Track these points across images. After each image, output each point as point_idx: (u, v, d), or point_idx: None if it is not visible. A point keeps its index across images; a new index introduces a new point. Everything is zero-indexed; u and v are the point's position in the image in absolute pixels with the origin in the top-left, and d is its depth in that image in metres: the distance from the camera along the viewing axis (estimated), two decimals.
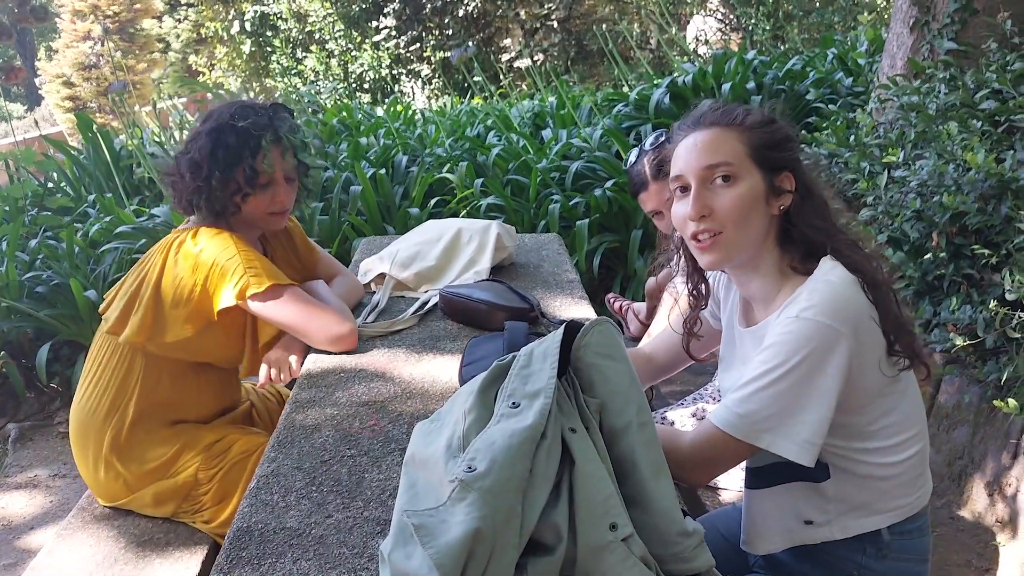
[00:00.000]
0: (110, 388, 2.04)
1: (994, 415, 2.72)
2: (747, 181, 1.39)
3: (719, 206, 1.39)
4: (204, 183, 1.97)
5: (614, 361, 1.19)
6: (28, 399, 4.26)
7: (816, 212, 1.42)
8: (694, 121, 1.47)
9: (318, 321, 1.96)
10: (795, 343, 1.28)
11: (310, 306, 1.97)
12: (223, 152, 1.96)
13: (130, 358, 2.04)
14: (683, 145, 1.46)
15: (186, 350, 2.03)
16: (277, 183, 2.04)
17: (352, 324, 1.99)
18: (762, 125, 1.43)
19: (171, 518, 2.05)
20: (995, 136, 3.00)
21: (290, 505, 1.37)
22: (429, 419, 1.26)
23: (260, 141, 1.99)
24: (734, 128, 1.42)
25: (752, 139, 1.41)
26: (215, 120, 2.00)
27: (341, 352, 1.98)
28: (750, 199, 1.39)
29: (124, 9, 23.97)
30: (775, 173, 1.41)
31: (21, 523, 3.27)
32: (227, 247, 1.94)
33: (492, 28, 13.98)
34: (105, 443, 2.02)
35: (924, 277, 3.00)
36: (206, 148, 1.97)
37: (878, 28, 6.29)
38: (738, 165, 1.39)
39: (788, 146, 1.44)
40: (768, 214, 1.42)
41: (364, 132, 5.74)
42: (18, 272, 4.28)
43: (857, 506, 1.43)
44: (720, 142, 1.41)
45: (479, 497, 0.97)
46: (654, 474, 1.12)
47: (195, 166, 1.98)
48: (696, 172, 1.41)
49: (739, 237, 1.40)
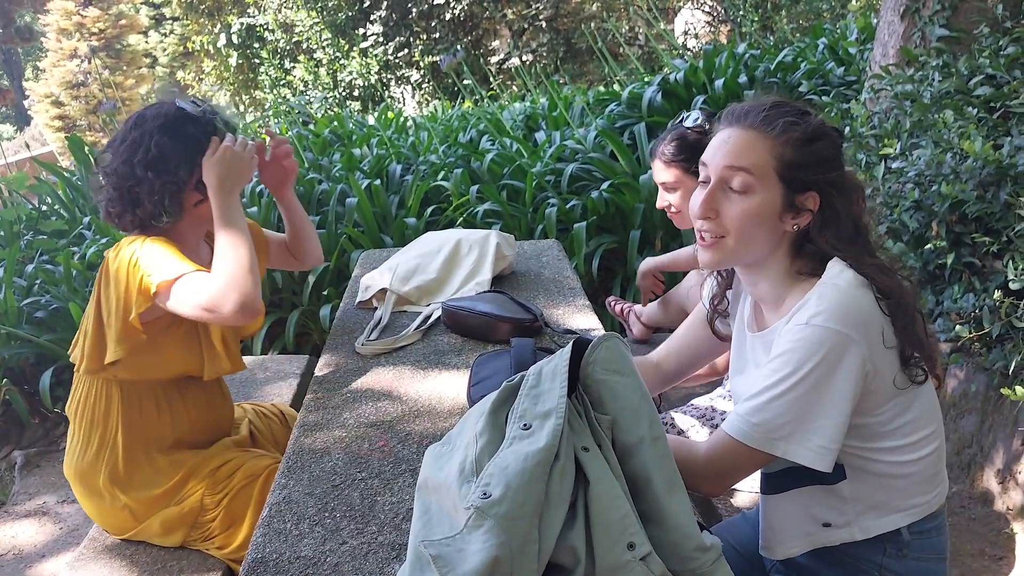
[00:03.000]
0: (95, 426, 2.01)
1: (1002, 403, 2.72)
2: (762, 195, 1.37)
3: (727, 212, 1.38)
4: (169, 178, 1.90)
5: (623, 376, 1.18)
6: (33, 425, 4.24)
7: (840, 236, 1.38)
8: (738, 116, 1.43)
9: (212, 299, 1.79)
10: (806, 350, 1.27)
11: (203, 285, 1.81)
12: (183, 144, 1.91)
13: (106, 391, 2.00)
14: (718, 136, 1.43)
15: (149, 366, 1.97)
16: None
17: (249, 286, 1.81)
18: (803, 142, 1.37)
19: (183, 546, 2.04)
20: (991, 122, 3.00)
21: (303, 533, 1.36)
22: (440, 442, 1.25)
23: (215, 124, 1.96)
24: (769, 138, 1.38)
25: (784, 154, 1.37)
26: (161, 117, 1.94)
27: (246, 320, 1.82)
28: (760, 214, 1.37)
29: (110, 25, 23.97)
30: (799, 192, 1.38)
31: (32, 552, 3.26)
32: (133, 251, 1.85)
33: (480, 30, 13.96)
34: (103, 478, 1.99)
35: (925, 267, 2.99)
36: (166, 143, 1.90)
37: (868, 15, 6.29)
38: (759, 176, 1.37)
39: (823, 167, 1.38)
40: (780, 229, 1.39)
41: (357, 142, 5.73)
42: (16, 298, 4.27)
43: (875, 506, 1.42)
44: (750, 148, 1.38)
45: (495, 524, 0.96)
46: (668, 489, 1.11)
47: (155, 163, 1.90)
48: (717, 169, 1.40)
49: (740, 247, 1.39)
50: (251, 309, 1.81)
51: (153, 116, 1.95)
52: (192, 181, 1.94)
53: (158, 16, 24.45)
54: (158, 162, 1.90)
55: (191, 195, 1.96)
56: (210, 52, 15.62)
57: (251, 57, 14.94)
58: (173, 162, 1.91)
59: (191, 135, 1.93)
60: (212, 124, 1.97)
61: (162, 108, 1.97)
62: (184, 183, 1.93)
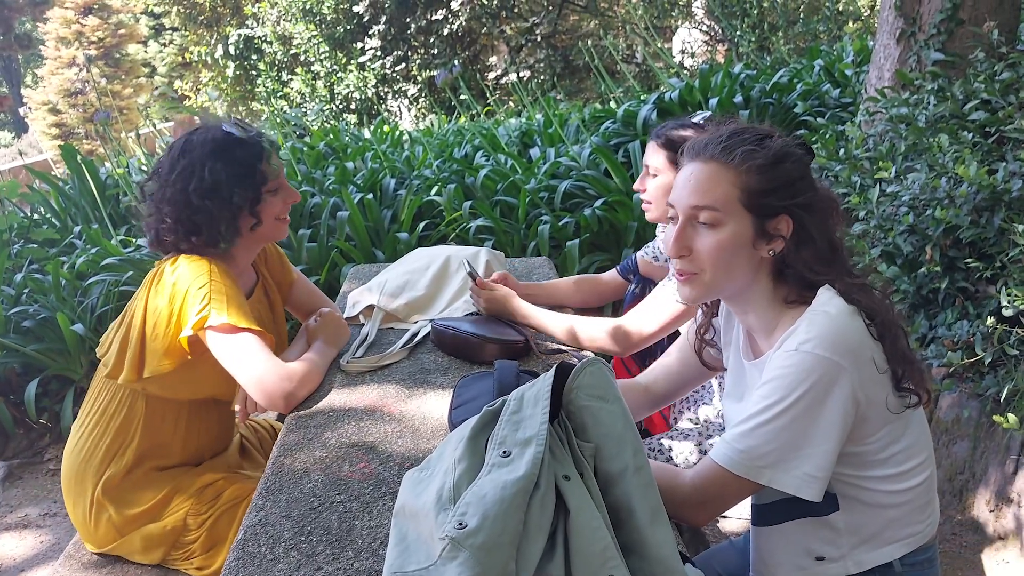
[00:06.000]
0: (108, 432, 1.98)
1: (994, 429, 2.69)
2: (731, 227, 1.35)
3: (699, 248, 1.37)
4: (224, 204, 1.91)
5: (607, 403, 1.16)
6: (17, 436, 4.20)
7: (816, 257, 1.36)
8: (699, 150, 1.41)
9: (259, 374, 1.88)
10: (794, 377, 1.25)
11: (258, 356, 1.88)
12: (236, 168, 1.92)
13: (131, 401, 1.98)
14: (681, 173, 1.42)
15: (182, 386, 1.98)
16: (284, 184, 2.03)
17: (295, 387, 1.90)
18: (765, 169, 1.35)
19: (161, 564, 2.00)
20: (986, 147, 2.99)
21: (278, 557, 1.33)
22: (419, 467, 1.22)
23: (263, 146, 1.98)
24: (730, 168, 1.36)
25: (748, 183, 1.35)
26: (210, 143, 1.94)
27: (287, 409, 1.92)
28: (731, 246, 1.35)
29: (109, 35, 24.00)
30: (768, 218, 1.35)
31: (12, 566, 3.21)
32: (201, 274, 1.88)
33: (478, 46, 14.00)
34: (99, 487, 1.97)
35: (919, 291, 2.97)
36: (219, 169, 1.91)
37: (864, 38, 6.30)
38: (724, 211, 1.35)
39: (790, 190, 1.36)
40: (756, 257, 1.37)
41: (351, 156, 5.71)
42: (4, 307, 4.23)
43: (869, 537, 1.39)
44: (712, 183, 1.36)
45: (471, 556, 0.94)
46: (651, 520, 1.09)
47: (211, 189, 1.90)
48: (684, 208, 1.38)
49: (717, 280, 1.38)
50: (287, 404, 1.90)
51: (201, 142, 1.95)
52: (247, 205, 1.95)
53: (157, 26, 24.50)
54: (214, 189, 1.91)
55: (246, 220, 1.97)
56: (208, 63, 15.63)
57: (249, 68, 14.96)
58: (227, 188, 1.92)
59: (242, 159, 1.94)
60: (260, 145, 1.97)
61: (209, 133, 1.96)
62: (239, 208, 1.94)
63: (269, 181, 1.98)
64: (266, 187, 1.97)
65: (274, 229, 2.04)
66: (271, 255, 2.30)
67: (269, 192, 1.98)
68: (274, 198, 2.00)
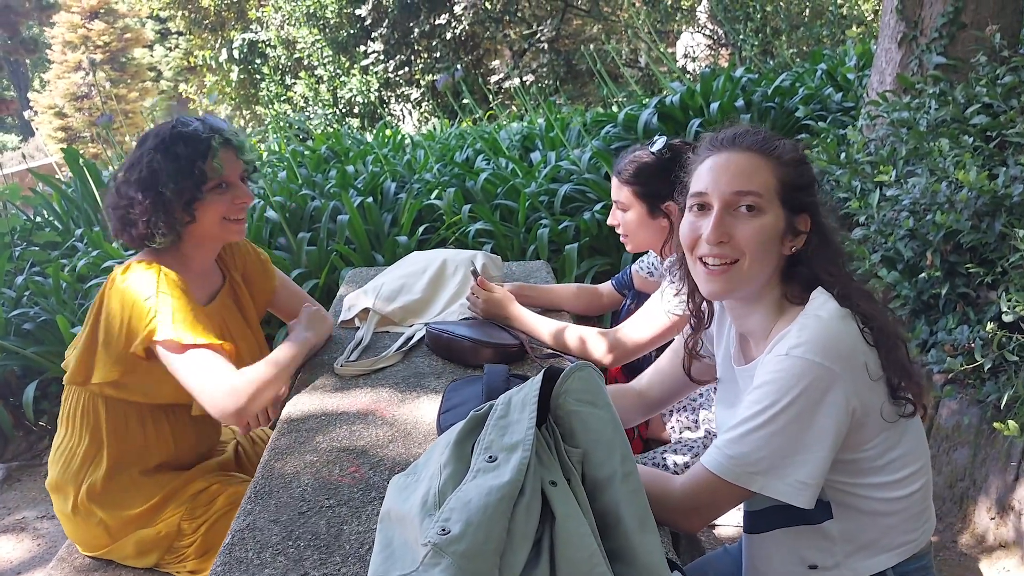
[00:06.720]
0: (83, 438, 1.97)
1: (994, 436, 2.67)
2: (771, 215, 1.35)
3: (740, 234, 1.35)
4: (158, 198, 1.88)
5: (596, 408, 1.14)
6: (16, 438, 4.19)
7: (829, 258, 1.38)
8: (730, 140, 1.41)
9: (208, 391, 1.85)
10: (785, 383, 1.24)
11: (206, 372, 1.85)
12: (173, 163, 1.88)
13: (93, 405, 1.97)
14: (712, 163, 1.40)
15: (136, 391, 1.95)
16: (235, 184, 1.97)
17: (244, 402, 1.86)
18: (796, 163, 1.39)
19: (155, 568, 1.99)
20: (987, 151, 2.97)
21: (265, 563, 1.31)
22: (405, 472, 1.21)
23: (210, 143, 1.92)
24: (771, 159, 1.37)
25: (785, 175, 1.37)
26: (157, 136, 1.92)
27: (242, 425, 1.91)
28: (771, 234, 1.35)
29: (115, 39, 24.08)
30: (795, 214, 1.37)
31: (8, 568, 3.20)
32: (149, 285, 1.85)
33: (481, 50, 14.00)
34: (82, 493, 1.95)
35: (919, 296, 2.96)
36: (157, 162, 1.88)
37: (867, 42, 6.28)
38: (766, 198, 1.35)
39: (812, 189, 1.40)
40: (780, 252, 1.38)
41: (352, 160, 5.70)
42: (4, 309, 4.23)
43: (863, 545, 1.37)
44: (755, 170, 1.36)
45: (453, 563, 0.92)
46: (639, 527, 1.07)
47: (146, 183, 1.88)
48: (723, 195, 1.36)
49: (753, 270, 1.36)
50: (240, 418, 1.88)
51: (153, 135, 1.93)
52: (180, 202, 1.90)
53: (163, 30, 24.54)
54: (150, 183, 1.88)
55: (182, 216, 1.92)
56: (212, 67, 15.66)
57: (252, 72, 14.98)
58: (161, 182, 1.87)
59: (183, 155, 1.89)
60: (206, 143, 1.92)
61: (163, 127, 1.94)
62: (171, 203, 1.89)
63: (210, 180, 1.91)
64: (207, 185, 1.91)
65: (222, 229, 1.98)
66: (251, 260, 2.27)
67: (213, 191, 1.93)
68: (219, 197, 1.94)
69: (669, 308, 2.00)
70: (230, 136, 1.97)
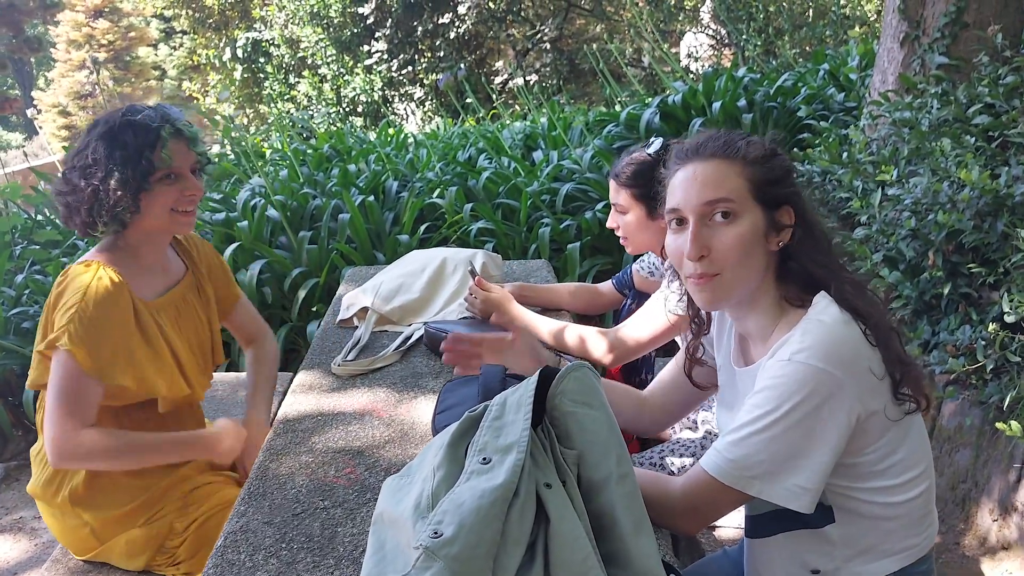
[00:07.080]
0: None
1: (997, 437, 2.66)
2: (747, 218, 1.33)
3: (718, 245, 1.33)
4: (101, 186, 1.82)
5: (592, 409, 1.13)
6: (16, 437, 4.18)
7: (817, 247, 1.36)
8: (693, 151, 1.39)
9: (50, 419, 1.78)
10: (788, 388, 1.22)
11: (62, 411, 1.78)
12: (120, 151, 1.83)
13: None
14: (681, 176, 1.38)
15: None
16: (185, 176, 1.91)
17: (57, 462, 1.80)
18: (764, 159, 1.36)
19: (147, 570, 1.97)
20: (989, 151, 2.95)
21: (257, 565, 1.30)
22: (399, 474, 1.19)
23: (159, 132, 1.86)
24: (736, 161, 1.35)
25: (754, 174, 1.34)
26: (106, 123, 1.87)
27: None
28: (750, 238, 1.33)
29: (119, 38, 24.12)
30: (775, 208, 1.35)
31: (5, 568, 3.20)
32: (76, 292, 1.80)
33: (484, 50, 14.00)
34: (62, 496, 1.92)
35: (921, 296, 2.94)
36: (101, 150, 1.82)
37: (869, 42, 6.26)
38: (739, 202, 1.33)
39: (788, 180, 1.37)
40: (767, 251, 1.35)
41: (354, 158, 5.70)
42: (4, 308, 4.22)
43: (864, 550, 1.36)
44: (721, 176, 1.34)
45: (445, 567, 0.91)
46: (635, 530, 1.06)
47: (89, 171, 1.83)
48: (695, 208, 1.34)
49: (737, 278, 1.34)
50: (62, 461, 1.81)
51: (103, 122, 1.88)
52: (125, 191, 1.83)
53: (167, 29, 24.57)
54: (92, 171, 1.83)
55: (126, 206, 1.85)
56: (216, 66, 15.67)
57: (256, 71, 14.98)
58: (102, 170, 1.82)
59: (129, 143, 1.83)
60: (155, 132, 1.86)
61: (113, 114, 1.89)
62: (110, 192, 1.82)
63: (158, 170, 1.86)
64: (155, 176, 1.86)
65: (170, 221, 1.93)
66: (215, 267, 2.22)
67: (161, 181, 1.87)
68: (168, 188, 1.89)
69: (669, 308, 1.99)
70: (182, 127, 1.92)
